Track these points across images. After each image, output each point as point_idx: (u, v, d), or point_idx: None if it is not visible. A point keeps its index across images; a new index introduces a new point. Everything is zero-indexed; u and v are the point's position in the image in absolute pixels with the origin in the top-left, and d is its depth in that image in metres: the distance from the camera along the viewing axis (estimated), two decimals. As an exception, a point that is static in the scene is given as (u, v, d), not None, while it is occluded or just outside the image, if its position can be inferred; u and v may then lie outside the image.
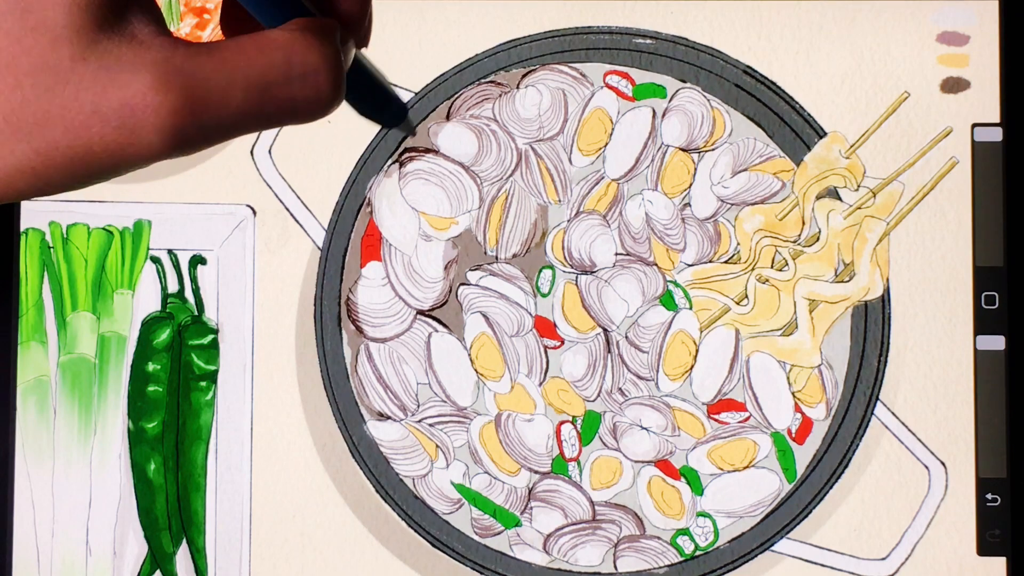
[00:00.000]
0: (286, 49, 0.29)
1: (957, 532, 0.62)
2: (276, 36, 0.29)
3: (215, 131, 0.29)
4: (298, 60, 0.29)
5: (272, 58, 0.29)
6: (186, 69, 0.28)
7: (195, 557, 0.62)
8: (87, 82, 0.27)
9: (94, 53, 0.27)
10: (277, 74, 0.29)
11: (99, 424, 0.63)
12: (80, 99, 0.27)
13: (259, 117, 0.29)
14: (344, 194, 0.64)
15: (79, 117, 0.27)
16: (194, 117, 0.28)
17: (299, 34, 0.29)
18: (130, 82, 0.27)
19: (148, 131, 0.28)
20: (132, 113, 0.27)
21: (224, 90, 0.28)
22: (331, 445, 0.63)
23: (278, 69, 0.29)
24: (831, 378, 0.63)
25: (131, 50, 0.28)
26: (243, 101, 0.28)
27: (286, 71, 0.29)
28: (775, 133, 0.64)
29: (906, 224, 0.63)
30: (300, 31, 0.30)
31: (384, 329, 0.63)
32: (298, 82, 0.29)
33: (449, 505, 0.63)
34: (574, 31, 0.64)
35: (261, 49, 0.29)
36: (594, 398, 0.63)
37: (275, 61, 0.29)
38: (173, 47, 0.28)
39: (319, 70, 0.29)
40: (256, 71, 0.29)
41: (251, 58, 0.29)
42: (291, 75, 0.29)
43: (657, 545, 0.63)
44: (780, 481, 0.63)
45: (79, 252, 0.63)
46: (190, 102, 0.28)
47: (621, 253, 0.64)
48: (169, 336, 0.63)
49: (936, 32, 0.64)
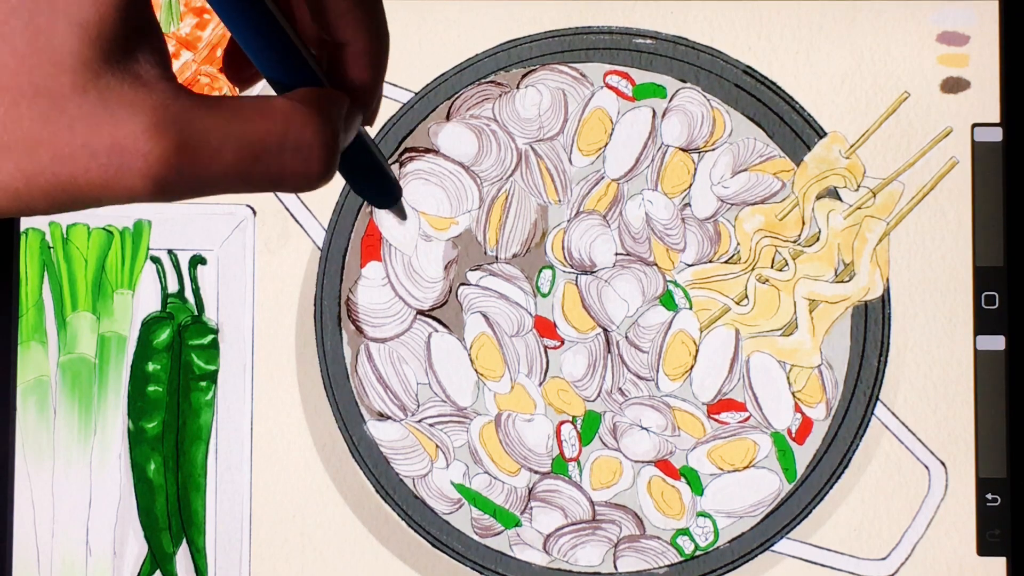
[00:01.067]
0: (285, 119, 0.29)
1: (957, 532, 0.62)
2: (278, 104, 0.29)
3: (199, 186, 0.28)
4: (294, 133, 0.29)
5: (270, 126, 0.29)
6: (182, 119, 0.28)
7: (195, 557, 0.62)
8: (83, 114, 0.27)
9: (95, 86, 0.27)
10: (272, 142, 0.29)
11: (99, 424, 0.63)
12: (73, 130, 0.27)
13: (245, 181, 0.29)
14: (344, 194, 0.64)
15: (68, 148, 0.27)
16: (181, 169, 0.28)
17: (301, 106, 0.29)
18: (125, 122, 0.27)
19: (133, 175, 0.27)
20: (121, 154, 0.27)
21: (216, 149, 0.28)
22: (331, 445, 0.63)
23: (273, 138, 0.29)
24: (831, 378, 0.63)
25: (132, 90, 0.27)
26: (232, 163, 0.28)
27: (280, 141, 0.29)
28: (775, 133, 0.64)
29: (906, 224, 0.63)
30: (303, 103, 0.29)
31: (384, 329, 0.63)
32: (290, 154, 0.29)
33: (449, 505, 0.63)
34: (574, 31, 0.64)
35: (261, 114, 0.29)
36: (594, 398, 0.63)
37: (272, 129, 0.29)
38: (175, 94, 0.28)
39: (312, 146, 0.29)
40: (251, 136, 0.28)
41: (249, 122, 0.28)
42: (284, 146, 0.29)
43: (657, 545, 0.63)
44: (780, 481, 0.63)
45: (79, 252, 0.63)
46: (180, 153, 0.27)
47: (621, 253, 0.64)
48: (169, 336, 0.63)
49: (936, 32, 0.64)
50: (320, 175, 0.30)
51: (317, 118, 0.29)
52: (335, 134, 0.30)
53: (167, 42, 0.65)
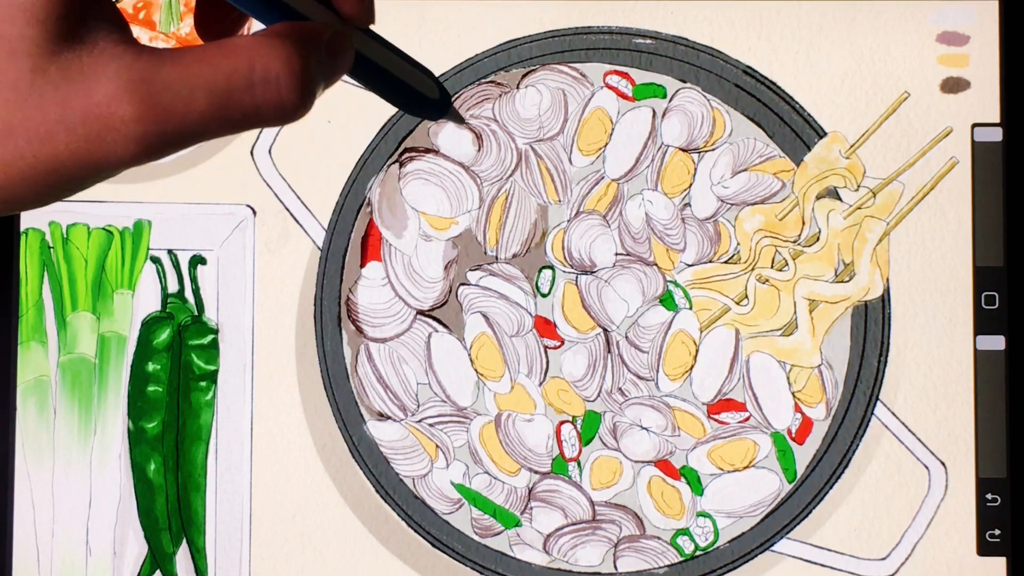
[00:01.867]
0: (248, 55, 0.29)
1: (957, 532, 0.62)
2: (240, 42, 0.29)
3: (181, 137, 0.29)
4: (260, 66, 0.29)
5: (235, 64, 0.29)
6: (148, 77, 0.28)
7: (195, 557, 0.62)
8: (50, 93, 0.27)
9: (54, 64, 0.27)
10: (239, 80, 0.29)
11: (99, 424, 0.63)
12: (44, 109, 0.27)
13: (224, 122, 0.29)
14: (344, 194, 0.64)
15: (43, 127, 0.27)
16: (158, 124, 0.28)
17: (264, 39, 0.29)
18: (93, 91, 0.28)
19: (115, 139, 0.28)
20: (97, 121, 0.28)
21: (187, 97, 0.28)
22: (331, 445, 0.63)
23: (240, 75, 0.29)
24: (831, 378, 0.63)
25: (92, 59, 0.28)
26: (206, 107, 0.29)
27: (248, 76, 0.29)
28: (775, 133, 0.64)
29: (906, 224, 0.63)
30: (266, 36, 0.30)
31: (384, 329, 0.63)
32: (260, 87, 0.29)
33: (449, 505, 0.63)
34: (574, 31, 0.64)
35: (225, 55, 0.29)
36: (594, 398, 0.63)
37: (238, 67, 0.29)
38: (136, 55, 0.28)
39: (280, 75, 0.29)
40: (219, 78, 0.29)
41: (214, 64, 0.29)
42: (253, 81, 0.29)
43: (657, 545, 0.63)
44: (780, 481, 0.63)
45: (79, 252, 0.63)
46: (154, 110, 0.28)
47: (621, 253, 0.64)
48: (169, 336, 0.63)
49: (936, 32, 0.64)
50: (295, 104, 0.30)
51: (282, 49, 0.29)
52: (304, 62, 0.30)
53: (168, 43, 0.65)
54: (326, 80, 0.31)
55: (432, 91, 0.35)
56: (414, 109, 0.35)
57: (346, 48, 0.32)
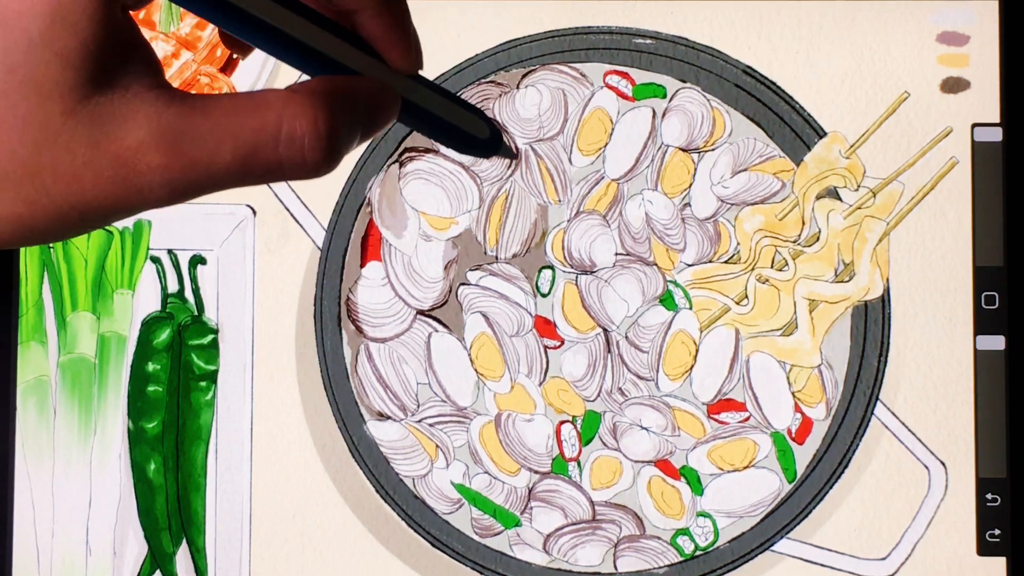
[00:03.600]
0: (278, 112, 0.29)
1: (957, 532, 0.62)
2: (271, 97, 0.29)
3: (205, 186, 0.29)
4: (287, 125, 0.29)
5: (263, 120, 0.29)
6: (178, 126, 0.28)
7: (195, 557, 0.62)
8: (80, 136, 0.28)
9: (86, 108, 0.28)
10: (266, 136, 0.29)
11: (99, 424, 0.63)
12: (73, 152, 0.28)
13: (246, 175, 0.29)
14: (344, 194, 0.64)
15: (70, 169, 0.28)
16: (184, 174, 0.28)
17: (296, 97, 0.29)
18: (123, 137, 0.28)
19: (141, 185, 0.28)
20: (125, 167, 0.28)
21: (214, 149, 0.29)
22: (331, 445, 0.63)
23: (268, 132, 0.29)
24: (831, 378, 0.63)
25: (124, 104, 0.28)
26: (231, 160, 0.29)
27: (275, 134, 0.29)
28: (775, 133, 0.64)
29: (906, 224, 0.63)
30: (298, 93, 0.30)
31: (384, 329, 0.63)
32: (285, 146, 0.29)
33: (449, 505, 0.63)
34: (574, 31, 0.64)
35: (254, 110, 0.29)
36: (594, 398, 0.63)
37: (266, 124, 0.29)
38: (167, 102, 0.28)
39: (307, 135, 0.29)
40: (246, 132, 0.29)
41: (242, 119, 0.29)
42: (279, 139, 0.29)
43: (657, 545, 0.63)
44: (780, 481, 0.63)
45: (79, 252, 0.63)
46: (180, 160, 0.28)
47: (621, 253, 0.64)
48: (169, 336, 0.63)
49: (936, 32, 0.64)
50: (317, 164, 0.30)
51: (312, 108, 0.29)
52: (331, 122, 0.30)
53: (168, 43, 0.65)
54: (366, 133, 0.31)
55: (482, 131, 0.34)
56: (464, 148, 0.34)
57: (390, 103, 0.32)
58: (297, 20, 0.30)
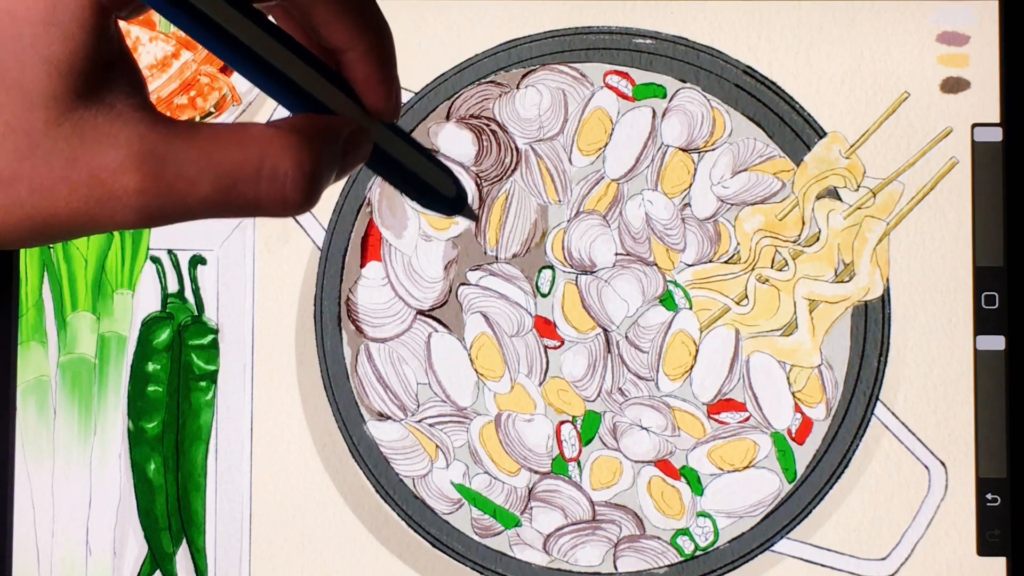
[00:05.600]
0: (260, 148, 0.29)
1: (957, 532, 0.62)
2: (255, 132, 0.29)
3: (180, 214, 0.29)
4: (269, 161, 0.29)
5: (246, 155, 0.29)
6: (158, 151, 0.28)
7: (195, 557, 0.62)
8: (59, 149, 0.27)
9: (69, 121, 0.27)
10: (247, 171, 0.29)
11: (99, 424, 0.63)
12: (51, 164, 0.27)
13: (224, 208, 0.29)
14: (344, 194, 0.64)
15: (47, 181, 0.27)
16: (159, 199, 0.28)
17: (279, 133, 0.29)
18: (102, 156, 0.27)
19: (115, 207, 0.28)
20: (101, 187, 0.27)
21: (193, 179, 0.28)
22: (331, 445, 0.63)
23: (249, 166, 0.29)
24: (831, 378, 0.63)
25: (108, 122, 0.28)
26: (210, 192, 0.28)
27: (256, 169, 0.29)
28: (775, 133, 0.64)
29: (906, 224, 0.63)
30: (282, 130, 0.29)
31: (384, 329, 0.63)
32: (266, 183, 0.29)
33: (449, 505, 0.63)
34: (574, 31, 0.64)
35: (237, 142, 0.29)
36: (594, 398, 0.63)
37: (248, 158, 0.29)
38: (152, 124, 0.28)
39: (287, 174, 0.29)
40: (227, 165, 0.28)
41: (225, 151, 0.28)
42: (260, 174, 0.29)
43: (657, 545, 0.63)
44: (780, 481, 0.63)
45: (79, 252, 0.63)
46: (157, 185, 0.28)
47: (621, 253, 0.64)
48: (169, 336, 0.63)
49: (936, 32, 0.64)
50: (298, 203, 0.29)
51: (295, 147, 0.29)
52: (315, 162, 0.29)
53: (168, 43, 0.65)
54: (337, 174, 0.31)
55: (448, 189, 0.34)
56: (427, 203, 0.34)
57: (363, 145, 0.31)
58: (286, 54, 0.30)
